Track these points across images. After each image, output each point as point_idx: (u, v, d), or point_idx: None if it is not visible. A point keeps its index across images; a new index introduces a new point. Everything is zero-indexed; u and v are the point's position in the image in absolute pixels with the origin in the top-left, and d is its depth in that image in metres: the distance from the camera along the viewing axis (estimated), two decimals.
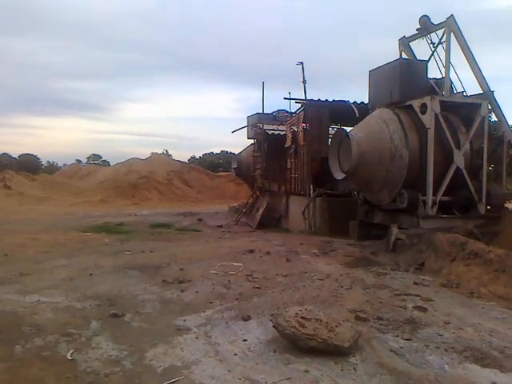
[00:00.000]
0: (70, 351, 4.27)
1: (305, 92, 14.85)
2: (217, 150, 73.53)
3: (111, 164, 59.32)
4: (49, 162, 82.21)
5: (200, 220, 17.10)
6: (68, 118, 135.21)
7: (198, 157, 77.35)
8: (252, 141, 20.43)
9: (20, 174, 33.09)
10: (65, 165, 65.28)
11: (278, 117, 19.42)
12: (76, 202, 26.51)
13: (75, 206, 24.36)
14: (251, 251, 9.54)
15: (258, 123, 18.70)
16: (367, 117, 11.54)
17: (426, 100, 10.11)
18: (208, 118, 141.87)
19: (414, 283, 7.10)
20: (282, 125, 17.94)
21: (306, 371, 3.87)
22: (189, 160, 66.86)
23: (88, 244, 10.87)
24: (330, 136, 14.77)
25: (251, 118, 20.21)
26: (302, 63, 15.15)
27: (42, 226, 14.15)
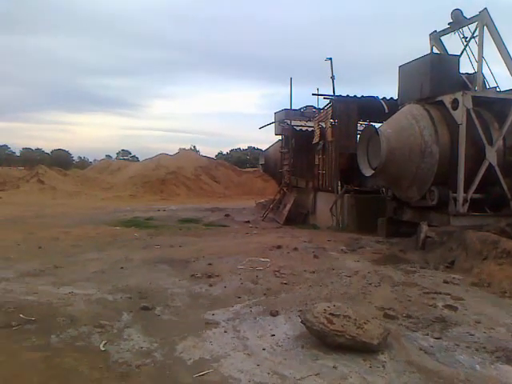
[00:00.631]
0: (103, 342, 4.38)
1: (333, 88, 14.76)
2: (244, 146, 73.80)
3: (140, 159, 60.29)
4: (80, 157, 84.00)
5: (227, 215, 17.22)
6: (98, 115, 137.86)
7: (225, 153, 77.77)
8: (279, 137, 20.41)
9: (53, 169, 33.89)
10: (95, 160, 66.57)
11: (306, 113, 19.37)
12: (106, 196, 27.00)
13: (105, 200, 24.80)
14: (279, 247, 9.56)
15: (285, 119, 18.67)
16: (397, 113, 11.39)
17: (458, 95, 9.91)
18: (235, 114, 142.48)
19: (444, 282, 7.00)
20: (310, 121, 17.88)
21: (335, 367, 3.88)
22: (216, 156, 67.29)
23: (118, 238, 11.08)
24: (358, 132, 14.63)
25: (279, 114, 20.19)
26: (330, 59, 15.04)
27: (74, 220, 14.49)
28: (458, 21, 11.42)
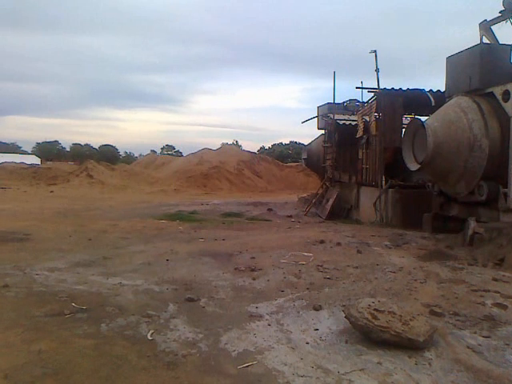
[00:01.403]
0: (150, 332, 4.51)
1: (378, 81, 14.51)
2: (286, 141, 73.75)
3: (183, 154, 61.35)
4: (126, 152, 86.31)
5: (270, 210, 17.27)
6: (144, 111, 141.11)
7: (267, 147, 77.99)
8: (322, 131, 20.26)
9: (101, 163, 34.96)
10: (141, 155, 68.25)
11: (349, 106, 19.13)
12: (151, 190, 27.61)
13: (151, 194, 25.38)
14: (322, 242, 9.53)
15: (328, 113, 18.51)
16: (444, 105, 11.08)
17: (510, 87, 9.53)
18: (277, 109, 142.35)
19: (493, 279, 6.78)
20: (354, 115, 17.65)
21: (379, 363, 3.84)
22: (258, 150, 67.62)
23: (163, 231, 11.34)
24: (403, 126, 14.34)
25: (322, 108, 20.04)
26: (375, 51, 14.79)
27: (121, 214, 14.92)
28: (511, 8, 10.96)
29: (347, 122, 17.59)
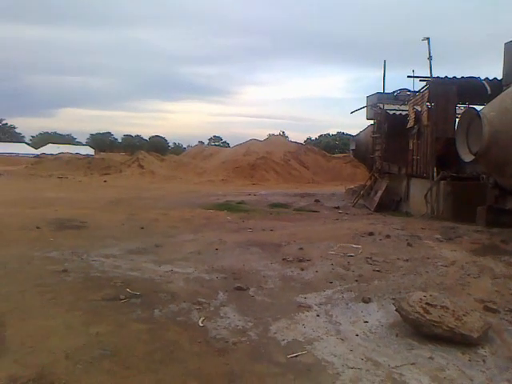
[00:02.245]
0: (201, 318, 4.63)
1: (430, 69, 14.04)
2: (333, 132, 72.96)
3: (230, 145, 61.87)
4: (175, 143, 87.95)
5: (317, 201, 17.17)
6: (192, 102, 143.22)
7: (314, 138, 77.44)
8: (371, 121, 19.89)
9: (151, 154, 35.81)
10: (189, 146, 69.40)
11: (400, 96, 18.64)
12: (200, 181, 28.05)
13: (199, 184, 25.78)
14: (370, 234, 9.40)
15: (378, 103, 18.14)
16: (501, 94, 10.61)
17: None
18: (324, 99, 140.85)
19: None
20: (404, 104, 17.19)
21: (431, 358, 3.79)
22: (305, 141, 67.28)
23: (212, 220, 11.51)
24: (457, 115, 13.86)
25: (371, 97, 19.66)
26: (428, 39, 14.31)
27: (171, 203, 15.25)
28: None
29: (397, 112, 17.18)
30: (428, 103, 13.97)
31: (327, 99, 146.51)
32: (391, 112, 17.29)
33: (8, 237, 8.54)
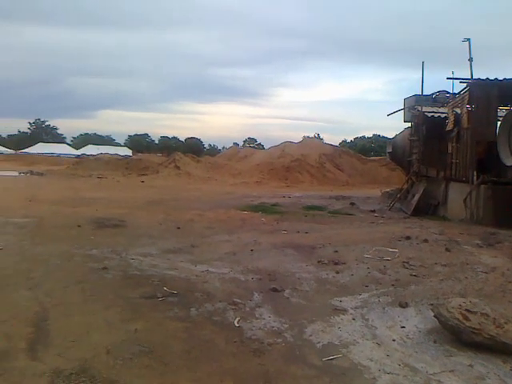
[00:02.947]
0: (237, 319, 4.67)
1: (471, 71, 13.73)
2: (368, 134, 72.12)
3: (265, 147, 61.98)
4: (210, 144, 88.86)
5: (352, 204, 17.01)
6: (227, 104, 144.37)
7: (349, 140, 76.75)
8: (408, 124, 19.56)
9: (187, 155, 36.27)
10: (224, 148, 69.95)
11: (438, 98, 18.28)
12: (234, 182, 28.22)
13: (234, 186, 25.94)
14: (407, 238, 9.25)
15: (415, 105, 17.83)
16: None
17: None
18: (359, 101, 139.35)
19: None
20: (443, 107, 16.85)
21: (470, 366, 3.71)
22: (340, 144, 66.69)
23: (247, 222, 11.58)
24: (498, 118, 13.48)
25: (408, 100, 19.34)
26: (468, 40, 14.00)
27: (207, 204, 15.41)
28: None
29: (436, 115, 16.83)
30: (468, 105, 13.64)
31: (363, 101, 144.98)
32: (429, 114, 16.94)
33: (51, 234, 8.86)
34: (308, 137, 50.99)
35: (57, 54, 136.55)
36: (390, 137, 22.66)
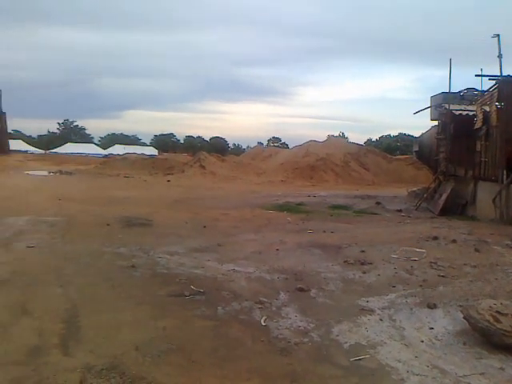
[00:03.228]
0: (263, 318, 4.70)
1: (500, 67, 13.43)
2: (394, 133, 71.30)
3: (289, 146, 61.88)
4: (234, 144, 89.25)
5: (378, 203, 16.83)
6: (252, 103, 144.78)
7: (374, 139, 76.00)
8: (435, 122, 19.27)
9: (212, 155, 36.46)
10: (248, 147, 70.12)
11: (466, 96, 17.95)
12: (259, 181, 28.24)
13: (258, 185, 25.96)
14: (435, 238, 9.11)
15: (443, 103, 17.54)
16: None
17: None
18: (385, 100, 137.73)
19: None
20: (471, 104, 16.54)
21: (501, 369, 3.66)
22: (365, 142, 66.09)
23: (272, 221, 11.59)
24: None
25: (435, 97, 19.07)
26: (498, 35, 13.69)
27: (232, 203, 15.49)
28: None
29: (464, 113, 16.53)
30: (497, 103, 13.35)
31: (388, 99, 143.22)
32: (457, 112, 16.65)
33: (81, 233, 9.05)
34: (333, 136, 50.68)
35: (85, 54, 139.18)
36: (417, 135, 22.44)
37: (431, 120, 19.73)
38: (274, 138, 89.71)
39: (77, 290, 5.45)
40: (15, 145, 62.83)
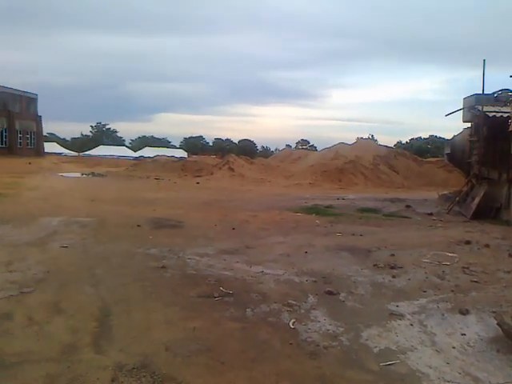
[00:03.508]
0: (292, 320, 4.70)
1: None
2: (425, 135, 70.20)
3: (318, 149, 61.63)
4: (263, 146, 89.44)
5: (408, 206, 16.57)
6: (280, 106, 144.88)
7: (404, 142, 74.94)
8: (468, 124, 18.87)
9: (240, 157, 36.62)
10: (276, 149, 70.15)
11: (501, 97, 17.49)
12: (288, 184, 28.18)
13: (287, 187, 25.90)
14: (467, 242, 8.94)
15: (476, 105, 17.16)
16: None
17: None
18: (415, 102, 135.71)
19: None
20: (506, 106, 16.13)
21: None
22: (395, 145, 65.24)
23: (300, 224, 11.56)
24: None
25: (468, 99, 18.65)
26: None
27: (260, 205, 15.50)
28: None
29: (498, 114, 16.12)
30: None
31: (419, 101, 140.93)
32: (491, 114, 16.26)
33: (112, 233, 9.23)
34: (362, 138, 50.16)
35: (118, 59, 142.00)
36: (448, 138, 22.01)
37: (463, 122, 19.31)
38: (302, 140, 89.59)
39: (109, 289, 5.57)
40: (50, 147, 64.65)
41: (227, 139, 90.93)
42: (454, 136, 21.24)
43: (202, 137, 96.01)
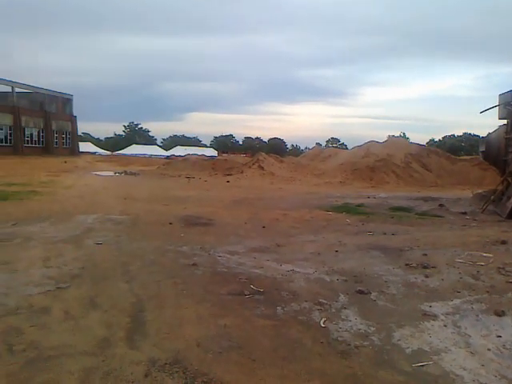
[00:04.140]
0: (323, 319, 4.69)
1: None
2: (458, 133, 68.81)
3: (348, 147, 61.12)
4: (292, 145, 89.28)
5: (441, 205, 16.26)
6: (310, 104, 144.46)
7: (437, 139, 73.60)
8: (504, 121, 18.36)
9: (270, 156, 36.66)
10: (306, 148, 69.92)
11: None
12: (318, 182, 28.06)
13: (317, 186, 25.80)
14: (503, 242, 8.70)
15: None
16: None
17: None
18: (449, 98, 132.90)
19: None
20: None
21: None
22: (427, 143, 64.17)
23: (331, 222, 11.50)
24: None
25: (504, 95, 18.14)
26: None
27: (290, 204, 15.49)
28: None
29: None
30: None
31: (452, 98, 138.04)
32: None
33: (145, 231, 9.41)
34: (393, 136, 49.49)
35: (150, 60, 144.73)
36: (483, 135, 21.44)
37: (499, 119, 18.79)
38: (332, 138, 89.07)
39: (142, 285, 5.68)
40: (84, 147, 66.30)
41: (257, 138, 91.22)
42: (489, 133, 20.66)
43: (232, 135, 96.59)
